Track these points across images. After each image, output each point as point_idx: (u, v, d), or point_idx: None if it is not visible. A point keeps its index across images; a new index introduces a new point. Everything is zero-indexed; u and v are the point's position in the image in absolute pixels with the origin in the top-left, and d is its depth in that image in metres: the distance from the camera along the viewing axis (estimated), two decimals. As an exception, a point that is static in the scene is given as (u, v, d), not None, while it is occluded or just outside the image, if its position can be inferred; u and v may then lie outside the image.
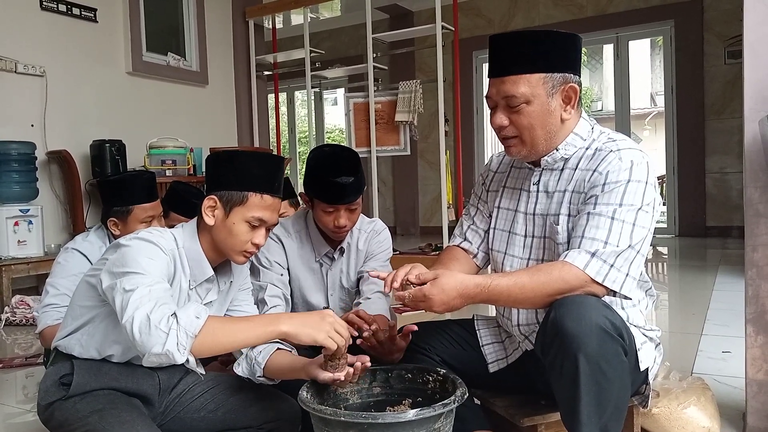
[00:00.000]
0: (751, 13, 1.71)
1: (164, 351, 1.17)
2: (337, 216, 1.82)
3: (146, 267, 1.29)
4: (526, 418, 1.47)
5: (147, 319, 1.19)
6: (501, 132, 1.42)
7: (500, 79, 1.38)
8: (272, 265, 1.91)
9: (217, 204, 1.42)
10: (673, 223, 6.82)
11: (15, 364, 2.82)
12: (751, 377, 1.76)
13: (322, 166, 1.81)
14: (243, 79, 6.12)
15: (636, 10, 6.80)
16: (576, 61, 1.40)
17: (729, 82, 6.40)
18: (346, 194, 1.78)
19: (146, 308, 1.20)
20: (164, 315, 1.20)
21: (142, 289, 1.24)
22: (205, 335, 1.22)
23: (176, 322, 1.19)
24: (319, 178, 1.80)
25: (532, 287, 1.29)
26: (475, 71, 7.81)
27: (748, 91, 1.72)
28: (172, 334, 1.18)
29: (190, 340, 1.20)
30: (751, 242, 1.73)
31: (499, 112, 1.40)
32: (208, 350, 1.25)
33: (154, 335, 1.18)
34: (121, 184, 2.13)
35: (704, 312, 3.34)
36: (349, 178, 1.77)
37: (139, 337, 1.19)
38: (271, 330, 1.27)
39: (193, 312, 1.22)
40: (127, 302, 1.22)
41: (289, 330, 1.26)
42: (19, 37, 4.31)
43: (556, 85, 1.36)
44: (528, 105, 1.36)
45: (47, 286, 2.06)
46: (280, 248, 1.94)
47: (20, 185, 4.07)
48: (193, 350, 1.21)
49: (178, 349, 1.18)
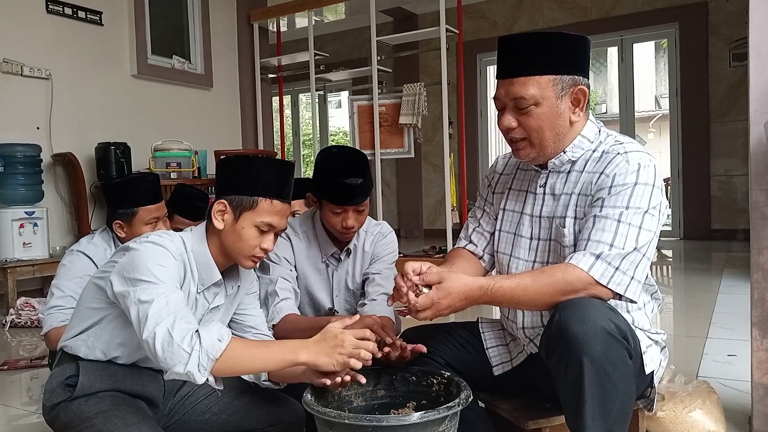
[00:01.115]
0: (757, 16, 1.71)
1: (186, 371, 1.20)
2: (345, 217, 1.83)
3: (159, 275, 1.29)
4: (531, 422, 1.46)
5: (169, 336, 1.21)
6: (509, 134, 1.41)
7: (509, 80, 1.37)
8: (281, 260, 1.92)
9: (227, 208, 1.42)
10: (678, 226, 6.80)
11: (20, 365, 2.83)
12: (757, 380, 1.75)
13: (331, 167, 1.81)
14: (247, 82, 6.14)
15: (641, 12, 6.79)
16: (585, 64, 1.40)
17: (734, 85, 6.38)
18: (354, 195, 1.79)
19: (167, 323, 1.22)
20: (187, 332, 1.22)
21: (160, 300, 1.25)
22: (226, 359, 1.24)
23: (199, 342, 1.22)
24: (328, 180, 1.80)
25: (535, 289, 1.29)
26: (479, 74, 7.81)
27: (754, 94, 1.71)
28: (194, 355, 1.21)
29: (211, 362, 1.22)
30: (756, 245, 1.73)
31: (508, 113, 1.40)
32: (228, 372, 1.28)
33: (177, 354, 1.20)
34: (125, 187, 2.14)
35: (709, 315, 3.32)
36: (358, 179, 1.78)
37: (162, 354, 1.21)
38: (290, 359, 1.29)
39: (216, 334, 1.24)
40: (146, 315, 1.24)
41: (308, 359, 1.28)
42: (24, 40, 4.33)
43: (565, 87, 1.36)
44: (537, 107, 1.35)
45: (52, 288, 2.07)
46: (289, 246, 1.95)
47: (25, 188, 4.09)
48: (213, 372, 1.24)
49: (199, 370, 1.21)
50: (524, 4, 7.40)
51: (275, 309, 1.83)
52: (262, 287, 1.86)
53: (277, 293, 1.84)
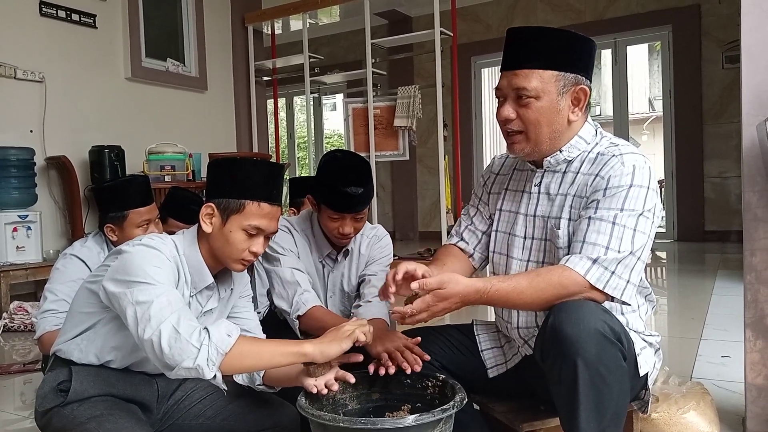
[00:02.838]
0: (749, 18, 1.71)
1: (195, 365, 1.20)
2: (343, 224, 1.82)
3: (155, 276, 1.29)
4: (525, 424, 1.47)
5: (176, 332, 1.21)
6: (506, 125, 1.42)
7: (513, 72, 1.38)
8: (287, 252, 1.90)
9: (214, 212, 1.41)
10: (672, 228, 6.82)
11: (13, 370, 2.81)
12: (750, 382, 1.75)
13: (332, 173, 1.80)
14: (242, 85, 6.13)
15: (634, 15, 6.82)
16: (589, 66, 1.41)
17: (727, 87, 6.41)
18: (353, 204, 1.78)
19: (171, 320, 1.22)
20: (194, 329, 1.22)
21: (161, 299, 1.25)
22: (234, 354, 1.24)
23: (208, 337, 1.22)
24: (328, 185, 1.79)
25: (531, 292, 1.29)
26: (473, 76, 7.81)
27: (746, 96, 1.72)
28: (203, 349, 1.20)
29: (221, 357, 1.22)
30: (749, 246, 1.73)
31: (508, 104, 1.40)
32: (236, 368, 1.28)
33: (186, 349, 1.20)
34: (115, 190, 2.13)
35: (703, 317, 3.33)
36: (359, 188, 1.77)
37: (169, 350, 1.20)
38: (296, 350, 1.29)
39: (225, 329, 1.25)
40: (147, 315, 1.23)
41: (312, 351, 1.29)
42: (18, 43, 4.31)
43: (567, 85, 1.36)
44: (537, 100, 1.36)
45: (46, 292, 2.06)
46: (291, 239, 1.94)
47: (19, 191, 4.07)
48: (221, 367, 1.24)
49: (207, 364, 1.21)
50: (518, 7, 7.42)
51: (300, 299, 1.80)
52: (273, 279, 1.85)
53: (299, 283, 1.82)
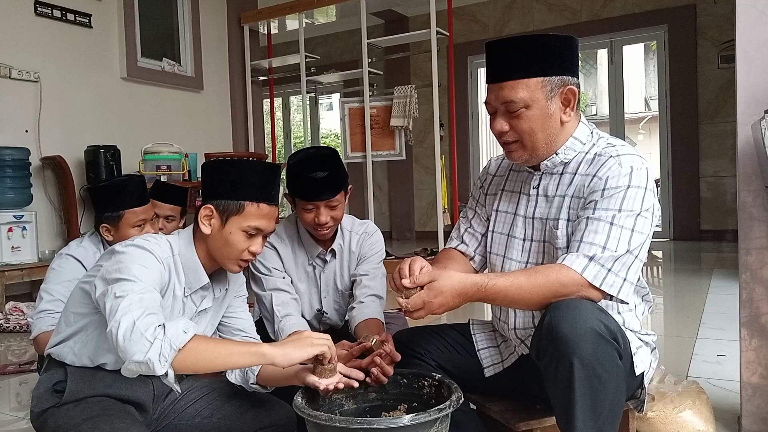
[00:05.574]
0: (744, 18, 1.72)
1: (145, 359, 1.17)
2: (317, 213, 1.83)
3: (138, 274, 1.28)
4: (522, 423, 1.47)
5: (133, 325, 1.18)
6: (501, 137, 1.43)
7: (498, 84, 1.38)
8: (272, 271, 1.92)
9: (213, 213, 1.41)
10: (668, 227, 6.84)
11: (8, 371, 2.80)
12: (745, 380, 1.76)
13: (298, 163, 1.83)
14: (238, 85, 6.12)
15: (630, 15, 6.83)
16: (573, 63, 1.40)
17: (722, 87, 6.43)
18: (321, 190, 1.79)
19: (134, 314, 1.20)
20: (151, 324, 1.20)
21: (133, 296, 1.23)
22: (189, 351, 1.21)
23: (163, 332, 1.19)
24: (295, 174, 1.81)
25: (528, 289, 1.29)
26: (470, 76, 7.83)
27: (741, 95, 1.73)
28: (156, 343, 1.18)
29: (173, 353, 1.19)
30: (744, 245, 1.74)
31: (499, 117, 1.41)
32: (190, 367, 1.24)
33: (138, 343, 1.17)
34: (110, 190, 2.12)
35: (699, 316, 3.34)
36: (323, 172, 1.78)
37: (123, 342, 1.18)
38: (254, 351, 1.27)
39: (182, 326, 1.22)
40: (117, 308, 1.21)
41: (272, 353, 1.26)
42: (13, 43, 4.30)
43: (554, 88, 1.37)
44: (527, 109, 1.36)
45: (41, 292, 2.05)
46: (275, 254, 1.95)
47: (14, 191, 4.06)
48: (174, 364, 1.20)
49: (159, 360, 1.17)
50: (514, 7, 7.44)
51: (280, 327, 1.83)
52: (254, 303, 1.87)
53: (277, 312, 1.85)
